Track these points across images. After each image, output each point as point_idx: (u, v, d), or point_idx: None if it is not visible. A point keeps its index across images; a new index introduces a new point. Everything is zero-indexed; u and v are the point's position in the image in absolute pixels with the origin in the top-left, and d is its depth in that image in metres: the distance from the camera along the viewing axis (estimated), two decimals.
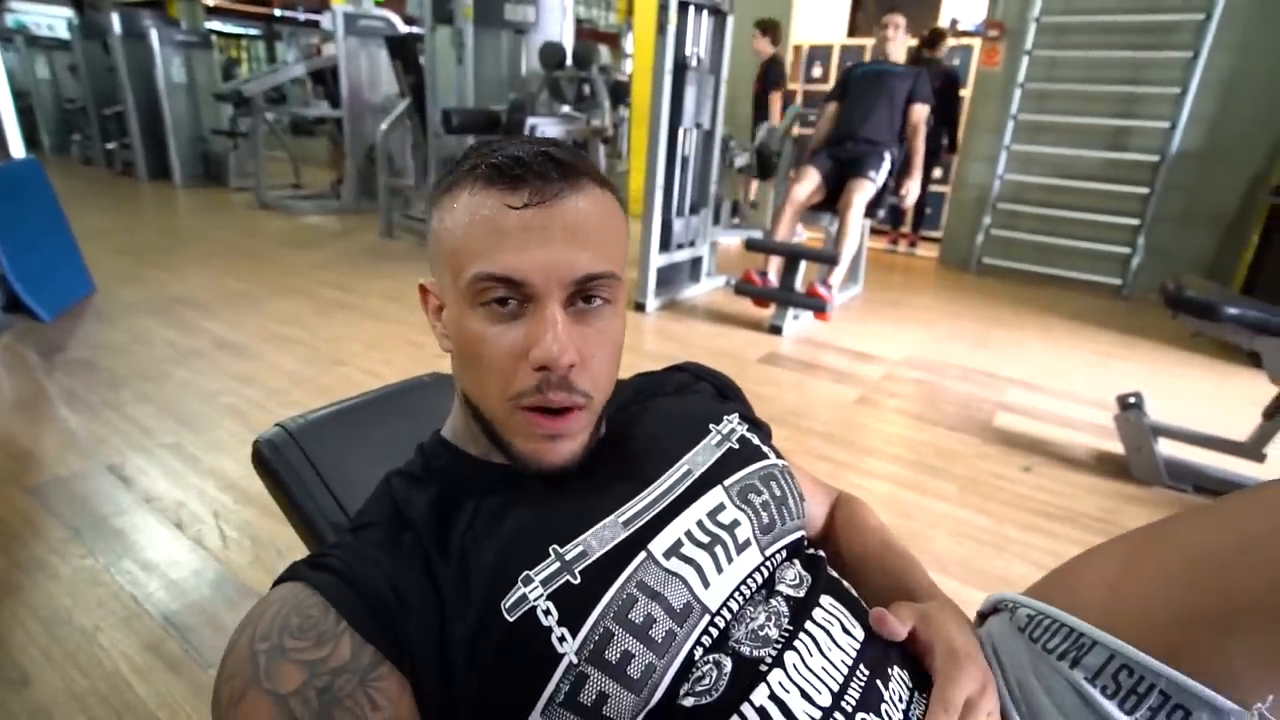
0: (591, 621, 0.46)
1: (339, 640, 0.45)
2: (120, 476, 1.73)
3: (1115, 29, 4.15)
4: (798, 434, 2.19)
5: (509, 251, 0.48)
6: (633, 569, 0.49)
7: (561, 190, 0.49)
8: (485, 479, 0.56)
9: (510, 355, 0.50)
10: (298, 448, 0.73)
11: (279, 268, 3.89)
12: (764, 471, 0.60)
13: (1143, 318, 3.87)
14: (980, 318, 3.73)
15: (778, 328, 3.22)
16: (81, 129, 8.03)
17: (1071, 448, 2.22)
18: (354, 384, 2.01)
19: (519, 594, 0.47)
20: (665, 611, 0.48)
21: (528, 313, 0.49)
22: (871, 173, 3.36)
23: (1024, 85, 4.42)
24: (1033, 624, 0.57)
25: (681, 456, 0.59)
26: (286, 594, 0.47)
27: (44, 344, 2.60)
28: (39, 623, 1.25)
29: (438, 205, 0.53)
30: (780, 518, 0.58)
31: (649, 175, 3.32)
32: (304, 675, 0.43)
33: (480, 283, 0.49)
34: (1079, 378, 2.87)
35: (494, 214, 0.48)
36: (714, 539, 0.53)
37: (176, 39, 6.49)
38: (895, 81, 3.46)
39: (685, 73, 3.29)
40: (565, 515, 0.52)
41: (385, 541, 0.52)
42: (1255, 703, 0.46)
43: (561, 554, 0.49)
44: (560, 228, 0.49)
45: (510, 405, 0.51)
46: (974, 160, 4.77)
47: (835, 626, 0.53)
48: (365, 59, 5.50)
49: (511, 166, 0.49)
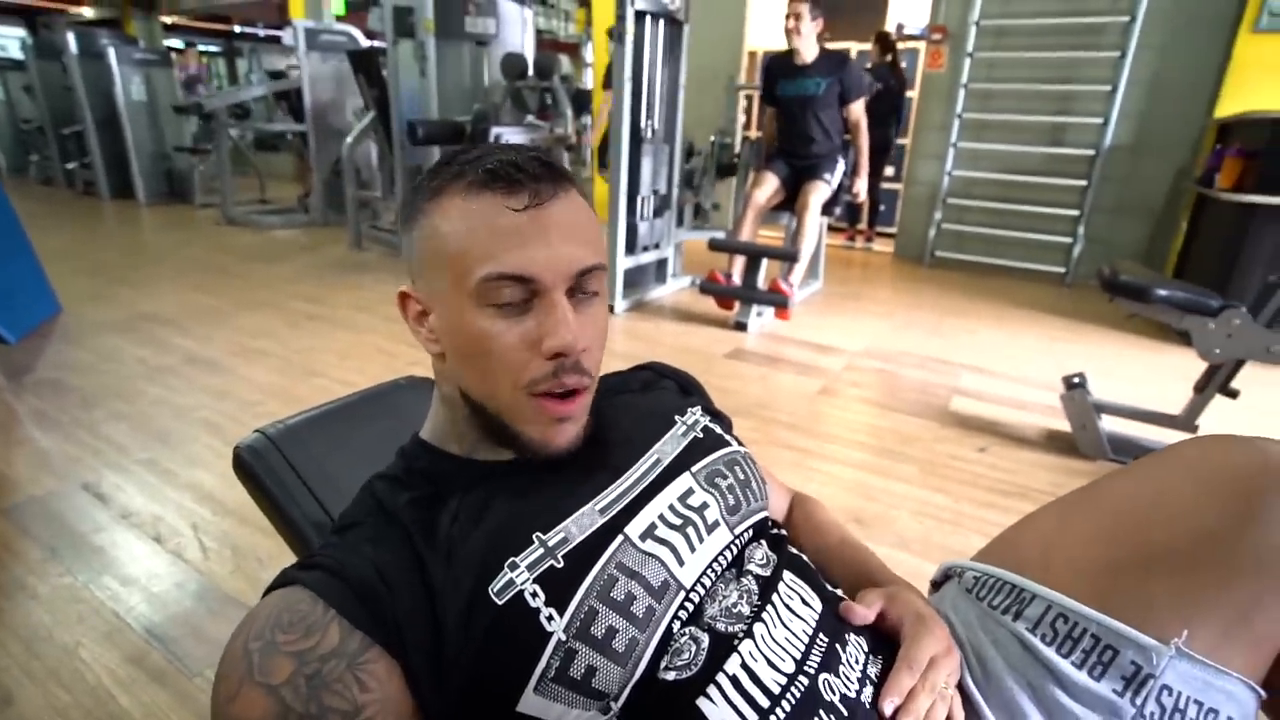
0: (577, 600, 0.49)
1: (327, 628, 0.47)
2: (96, 494, 1.75)
3: (1049, 31, 4.34)
4: (764, 425, 2.27)
5: (517, 251, 0.52)
6: (612, 551, 0.53)
7: (555, 192, 0.54)
8: (467, 475, 0.59)
9: (521, 347, 0.53)
10: (278, 452, 0.75)
11: (248, 282, 3.88)
12: (728, 457, 0.65)
13: (1084, 303, 4.04)
14: (935, 308, 3.86)
15: (742, 324, 3.30)
16: (39, 149, 7.85)
17: (1023, 428, 2.33)
18: (328, 394, 2.05)
19: (506, 579, 0.50)
20: (644, 589, 0.51)
21: (534, 306, 0.53)
22: (826, 175, 3.48)
23: (967, 86, 4.60)
24: (979, 584, 0.63)
25: (651, 447, 0.62)
26: (278, 597, 0.49)
27: (10, 366, 2.58)
28: (19, 642, 1.27)
29: (423, 213, 0.55)
30: (745, 499, 0.62)
31: (612, 183, 3.39)
32: (294, 665, 0.45)
33: (491, 282, 0.52)
34: (1028, 362, 3.00)
35: (497, 217, 0.52)
36: (686, 521, 0.57)
37: (135, 57, 6.41)
38: (819, 103, 3.42)
39: (641, 145, 3.38)
40: (546, 505, 0.55)
41: (371, 536, 0.54)
42: (1173, 637, 0.51)
43: (544, 540, 0.52)
44: (556, 226, 0.53)
45: (522, 394, 0.54)
46: (924, 158, 4.94)
47: (795, 600, 0.57)
48: (328, 74, 5.49)
49: (510, 171, 0.53)
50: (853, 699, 0.52)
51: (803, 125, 3.49)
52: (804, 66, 3.42)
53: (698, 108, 5.38)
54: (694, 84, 4.07)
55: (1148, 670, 0.52)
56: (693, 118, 4.23)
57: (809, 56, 3.41)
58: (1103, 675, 0.53)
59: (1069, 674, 0.54)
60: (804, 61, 3.42)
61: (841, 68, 3.42)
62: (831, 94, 3.41)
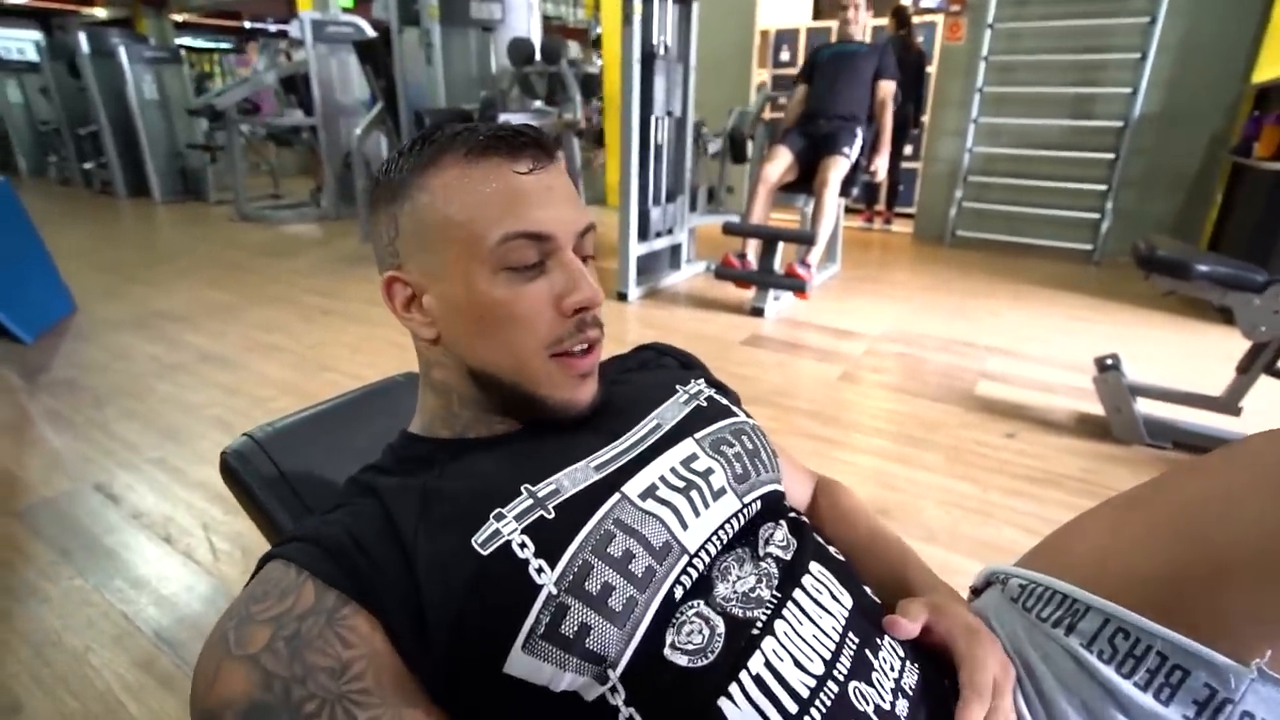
0: (570, 553, 0.46)
1: (300, 589, 0.45)
2: (108, 494, 1.74)
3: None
4: (783, 413, 2.21)
5: (531, 210, 0.52)
6: (609, 507, 0.50)
7: (549, 159, 0.55)
8: (454, 447, 0.58)
9: (543, 308, 0.54)
10: (266, 457, 0.72)
11: (261, 277, 3.87)
12: (734, 426, 0.62)
13: (1115, 280, 3.91)
14: (957, 289, 3.76)
15: (759, 310, 3.23)
16: (57, 150, 7.96)
17: (1052, 411, 2.25)
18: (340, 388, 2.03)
19: (491, 529, 0.47)
20: (644, 548, 0.48)
21: (548, 267, 0.54)
22: (845, 149, 3.38)
23: (988, 58, 4.45)
24: (1025, 594, 0.57)
25: (650, 412, 0.60)
26: (256, 579, 0.48)
27: (25, 366, 2.58)
28: (29, 647, 1.25)
29: (413, 187, 0.54)
30: (754, 468, 0.59)
31: (624, 166, 3.32)
32: (271, 629, 0.43)
33: (510, 242, 0.52)
34: (1056, 343, 2.90)
35: (507, 179, 0.53)
36: (689, 484, 0.54)
37: (146, 56, 6.43)
38: (861, 61, 3.47)
39: (654, 62, 3.29)
40: (535, 458, 0.54)
41: (350, 511, 0.53)
42: (1253, 658, 0.45)
43: (534, 491, 0.50)
44: (557, 189, 0.55)
45: (545, 355, 0.54)
46: (943, 135, 4.80)
47: (825, 594, 0.53)
48: (335, 65, 5.46)
49: (511, 137, 0.53)
50: (887, 710, 0.47)
51: (838, 81, 3.49)
52: (852, 38, 3.59)
53: (710, 89, 5.29)
54: (706, 65, 3.97)
55: (1225, 694, 0.46)
56: (705, 100, 4.14)
57: (858, 34, 3.58)
58: (1171, 699, 0.47)
59: (1131, 696, 0.48)
60: (851, 38, 3.59)
61: (881, 47, 3.57)
62: (869, 63, 3.47)
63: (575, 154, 4.26)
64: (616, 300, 3.45)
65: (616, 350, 0.60)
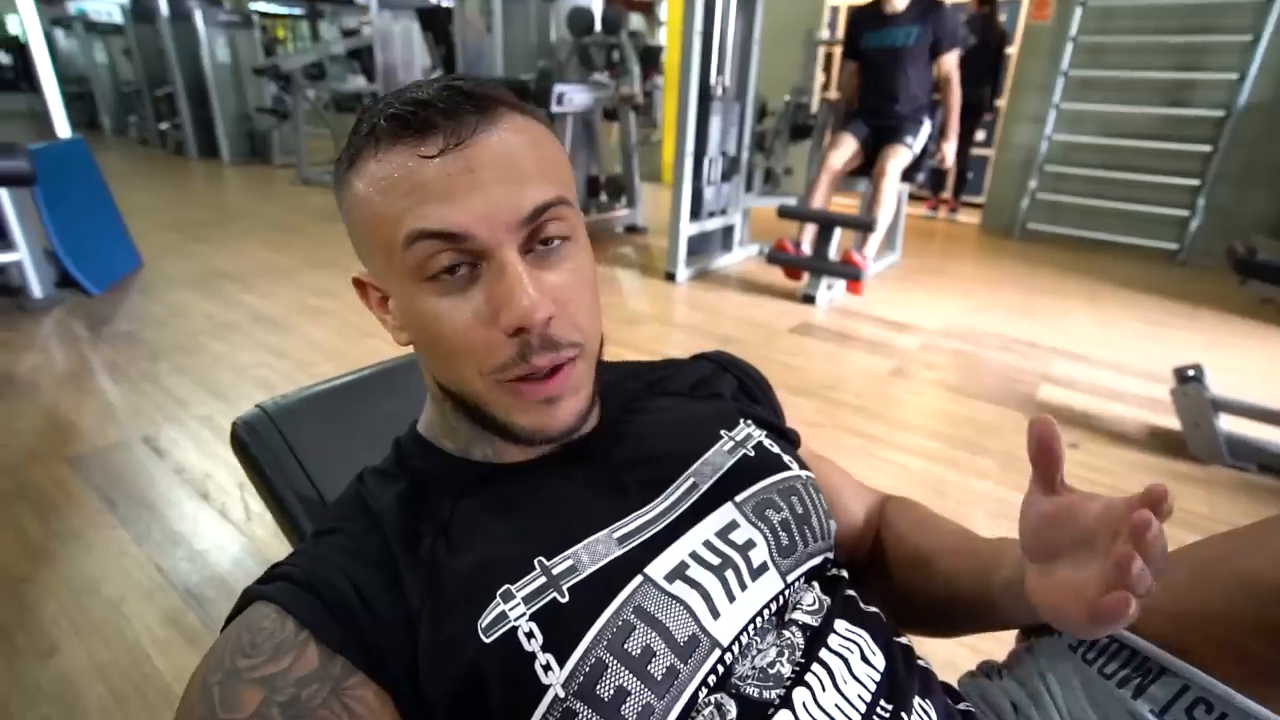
0: (582, 649, 0.40)
1: (301, 650, 0.39)
2: (154, 448, 1.78)
3: None
4: (829, 406, 2.12)
5: (437, 203, 0.41)
6: (630, 591, 0.43)
7: (479, 124, 0.43)
8: (462, 478, 0.51)
9: (476, 326, 0.43)
10: (276, 430, 0.69)
11: (316, 241, 3.94)
12: (784, 484, 0.53)
13: (1201, 284, 3.65)
14: (1024, 286, 3.56)
15: (811, 297, 3.12)
16: (137, 110, 8.27)
17: (1121, 422, 2.10)
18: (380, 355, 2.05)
19: (497, 611, 0.41)
20: (667, 644, 0.42)
21: (483, 273, 0.43)
22: (909, 139, 3.20)
23: (1076, 39, 4.17)
24: (1086, 643, 0.50)
25: (688, 467, 0.52)
26: (240, 619, 0.42)
27: (91, 318, 2.68)
28: (70, 593, 1.29)
29: (345, 183, 0.46)
30: (802, 538, 0.51)
31: (678, 142, 3.24)
32: (263, 693, 0.37)
33: (414, 245, 0.42)
34: (1130, 348, 2.71)
35: (409, 170, 0.42)
36: (725, 561, 0.46)
37: (220, 19, 6.60)
38: (911, 54, 3.14)
39: (710, 102, 3.19)
40: (552, 524, 0.47)
41: (349, 546, 0.46)
42: None
43: (548, 568, 0.43)
44: (488, 166, 0.42)
45: (492, 381, 0.45)
46: (1020, 121, 4.53)
47: (854, 655, 0.47)
48: (399, 32, 5.48)
49: (414, 112, 0.42)
50: None
51: (887, 80, 3.20)
52: (894, 15, 3.12)
53: (773, 65, 5.10)
54: (769, 39, 3.82)
55: None
56: (767, 76, 3.99)
57: (900, 4, 3.11)
58: None
59: None
60: (894, 9, 3.12)
61: (934, 13, 3.09)
62: (922, 44, 3.11)
63: (632, 128, 4.17)
64: (665, 280, 3.39)
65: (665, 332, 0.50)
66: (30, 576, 1.32)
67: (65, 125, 3.31)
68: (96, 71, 8.75)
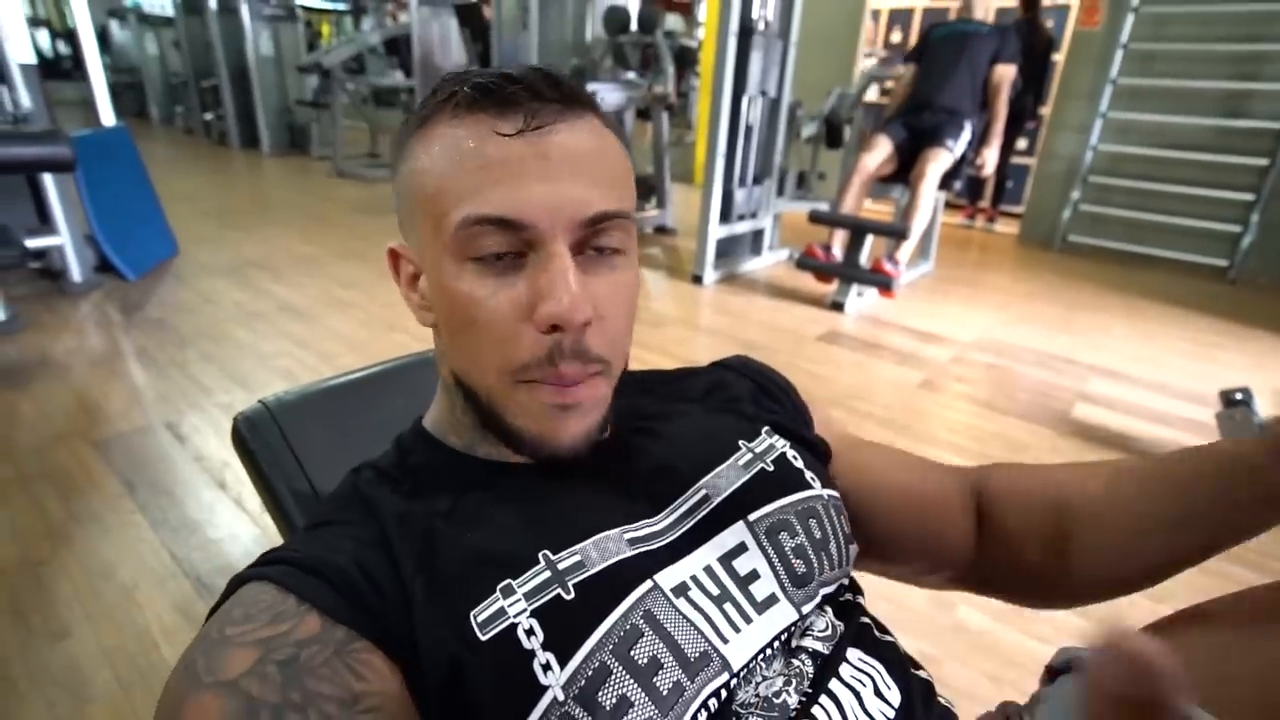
0: (587, 651, 0.38)
1: (301, 618, 0.37)
2: (176, 434, 1.80)
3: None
4: (854, 418, 2.07)
5: (504, 187, 0.39)
6: (641, 594, 0.40)
7: (563, 114, 0.41)
8: (467, 474, 0.48)
9: (510, 317, 0.41)
10: (276, 427, 0.68)
11: (348, 232, 3.99)
12: (802, 505, 0.49)
13: (1253, 304, 3.50)
14: (1062, 300, 3.45)
15: (840, 304, 3.06)
16: (184, 101, 8.47)
17: (1160, 445, 2.01)
18: (404, 349, 2.06)
19: (496, 606, 0.39)
20: (675, 657, 0.39)
21: (529, 264, 0.41)
22: (949, 141, 3.12)
23: (1127, 46, 4.03)
24: None
25: (700, 479, 0.49)
26: (230, 599, 0.40)
27: (126, 303, 2.74)
28: (86, 576, 1.31)
29: (406, 148, 0.44)
30: (819, 564, 0.48)
31: (710, 143, 3.20)
32: (258, 653, 0.35)
33: (471, 228, 0.40)
34: (1173, 368, 2.61)
35: (482, 144, 0.40)
36: (723, 594, 0.43)
37: (265, 13, 6.72)
38: (978, 43, 3.17)
39: (751, 37, 3.12)
40: (560, 519, 0.44)
41: (348, 532, 0.44)
42: None
43: (553, 562, 0.41)
44: (564, 158, 0.40)
45: (511, 381, 0.43)
46: (1064, 130, 4.40)
47: (867, 688, 0.44)
48: (437, 28, 5.53)
49: (501, 85, 0.40)
50: None
51: (950, 67, 3.20)
52: (970, 18, 3.27)
53: (810, 69, 5.04)
54: (808, 42, 3.76)
55: None
56: (804, 80, 3.93)
57: (979, 11, 3.28)
58: None
59: None
60: (971, 14, 3.28)
61: (1003, 27, 3.30)
62: (989, 43, 3.18)
63: (664, 128, 4.14)
64: (691, 283, 3.35)
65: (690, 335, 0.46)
66: (48, 558, 1.34)
67: (110, 113, 3.38)
68: (147, 62, 8.97)
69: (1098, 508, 0.51)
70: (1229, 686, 0.42)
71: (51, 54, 10.74)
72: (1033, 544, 0.55)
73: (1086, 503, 0.52)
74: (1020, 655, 1.21)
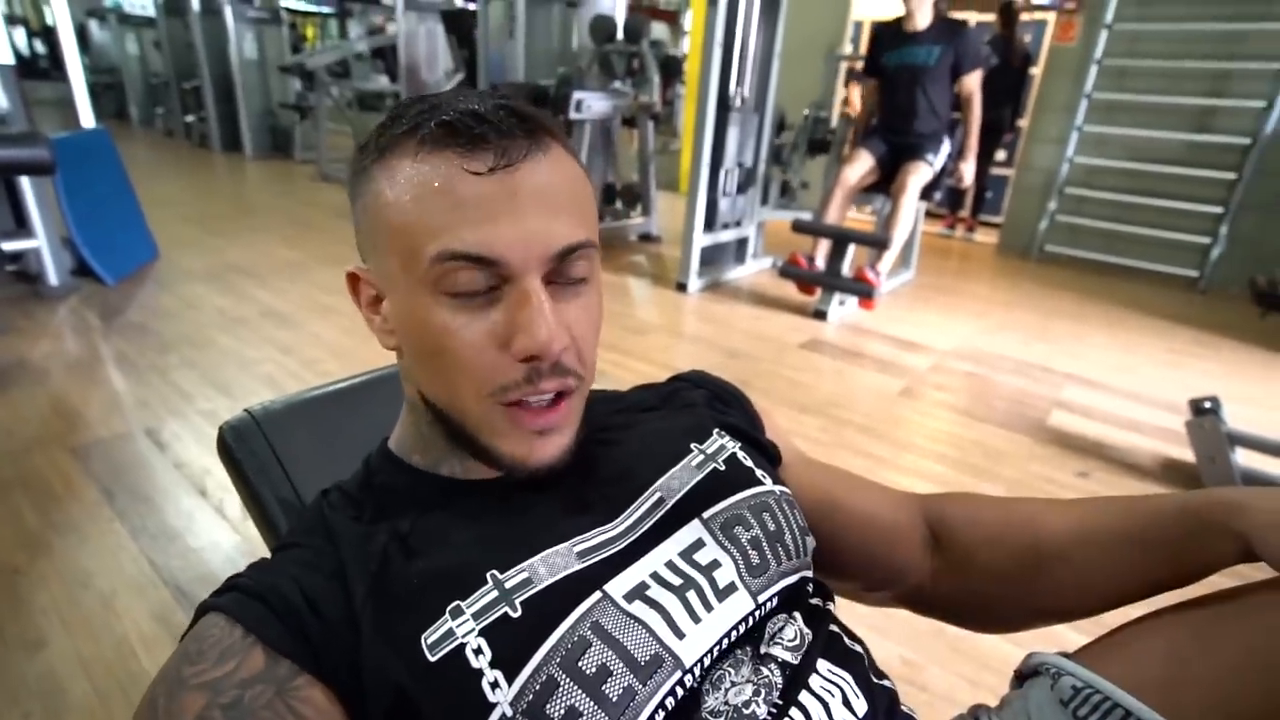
0: (533, 666, 0.39)
1: (246, 654, 0.39)
2: (156, 441, 1.79)
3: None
4: (835, 425, 2.09)
5: (477, 225, 0.41)
6: (588, 607, 0.42)
7: (529, 151, 0.42)
8: (427, 492, 0.50)
9: (487, 347, 0.43)
10: (262, 437, 0.69)
11: (331, 237, 3.97)
12: (755, 500, 0.51)
13: (1221, 314, 3.59)
14: (1039, 309, 3.52)
15: (822, 313, 3.10)
16: (165, 102, 8.37)
17: (1134, 452, 2.06)
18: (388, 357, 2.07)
19: (445, 628, 0.40)
20: (625, 663, 0.40)
21: (503, 295, 0.43)
22: (929, 156, 3.17)
23: (1101, 61, 4.13)
24: (1079, 699, 0.47)
25: (653, 482, 0.51)
26: (191, 631, 0.42)
27: (105, 307, 2.71)
28: (63, 585, 1.29)
29: (368, 175, 0.45)
30: (774, 556, 0.49)
31: (694, 152, 3.23)
32: (205, 697, 0.37)
33: (445, 263, 0.41)
34: (1146, 376, 2.67)
35: (453, 182, 0.41)
36: (687, 582, 0.45)
37: (249, 15, 6.67)
38: (926, 75, 3.08)
39: (735, 48, 3.16)
40: (510, 537, 0.46)
41: (305, 558, 0.46)
42: None
43: (500, 581, 0.42)
44: (530, 195, 0.42)
45: (490, 403, 0.44)
46: (1041, 142, 4.50)
47: (835, 699, 0.45)
48: (423, 34, 5.53)
49: (470, 125, 0.41)
50: None
51: (907, 99, 3.16)
52: (915, 34, 3.08)
53: (793, 79, 5.09)
54: (791, 52, 3.81)
55: None
56: (787, 89, 3.98)
57: (922, 23, 3.07)
58: None
59: None
60: (915, 28, 3.08)
61: (957, 35, 3.06)
62: (944, 65, 3.07)
63: (650, 136, 4.17)
64: (675, 291, 3.37)
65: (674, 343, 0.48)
66: (24, 567, 1.33)
67: (90, 115, 3.34)
68: (127, 63, 8.87)
69: (1067, 549, 0.54)
70: (1183, 690, 0.44)
71: (28, 53, 10.60)
72: (999, 576, 0.57)
73: (1056, 542, 0.54)
74: (995, 659, 1.24)
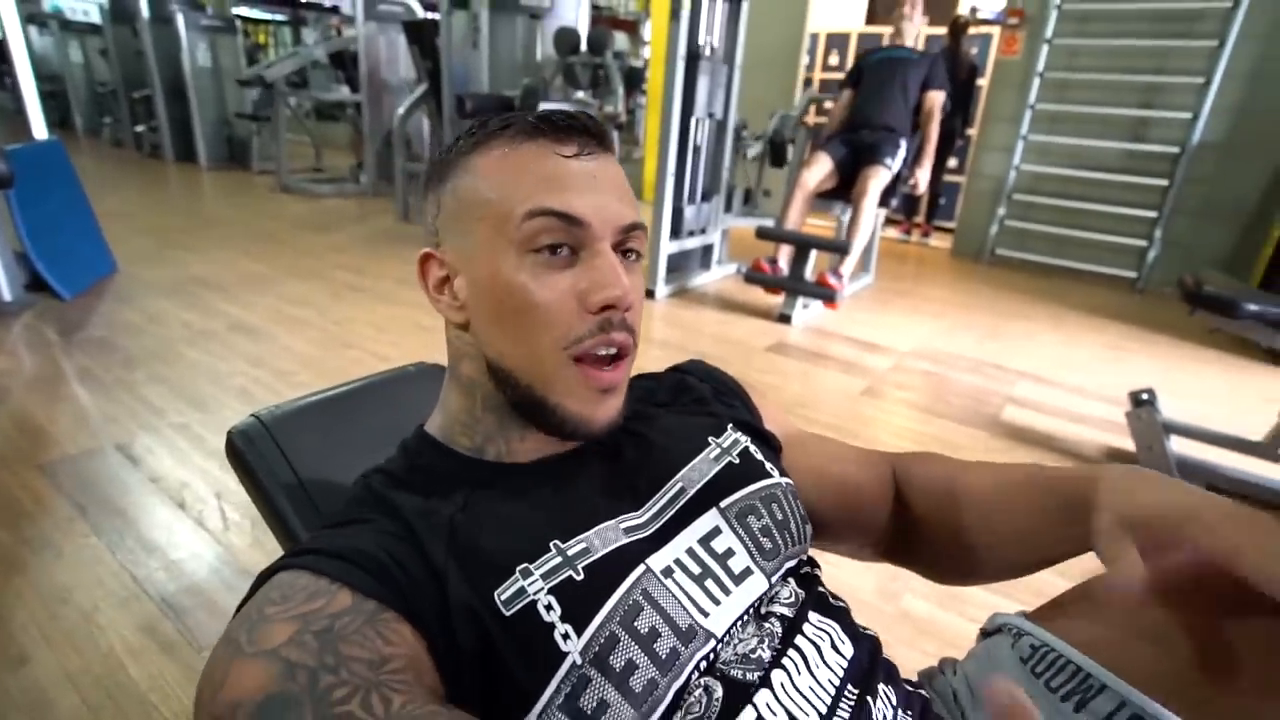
0: (599, 621, 0.44)
1: (334, 594, 0.42)
2: (128, 456, 1.77)
3: (1140, 16, 4.04)
4: (802, 425, 2.15)
5: (565, 192, 0.49)
6: (638, 575, 0.47)
7: (601, 147, 0.53)
8: (476, 475, 0.54)
9: (567, 299, 0.49)
10: (271, 440, 0.71)
11: (296, 250, 3.93)
12: (765, 492, 0.57)
13: (1158, 312, 3.79)
14: (992, 309, 3.68)
15: (787, 317, 3.19)
16: (112, 112, 8.11)
17: (1081, 444, 2.18)
18: (363, 367, 2.05)
19: (516, 586, 0.45)
20: (670, 628, 0.46)
21: (580, 260, 0.50)
22: (888, 160, 3.31)
23: (1043, 74, 4.33)
24: (1036, 657, 0.52)
25: (677, 472, 0.56)
26: (266, 585, 0.44)
27: (63, 323, 2.65)
28: (40, 601, 1.28)
29: (459, 166, 0.53)
30: (783, 542, 0.55)
31: (661, 163, 3.30)
32: (296, 625, 0.39)
33: (536, 219, 0.48)
34: (1091, 372, 2.82)
35: (545, 161, 0.50)
36: (705, 571, 0.51)
37: (202, 24, 6.54)
38: (910, 68, 3.40)
39: (698, 61, 3.25)
40: (564, 512, 0.51)
41: (368, 528, 0.48)
42: None
43: (563, 549, 0.47)
44: (605, 179, 0.51)
45: (564, 357, 0.50)
46: (990, 151, 4.69)
47: (825, 642, 0.52)
48: (384, 44, 5.50)
49: (560, 119, 0.51)
50: None
51: (885, 90, 3.42)
52: (901, 44, 3.51)
53: (755, 90, 5.22)
54: (752, 65, 3.92)
55: None
56: (749, 100, 4.09)
57: (908, 38, 3.50)
58: None
59: None
60: (902, 41, 3.50)
61: (932, 56, 3.51)
62: (920, 68, 3.40)
63: (614, 147, 4.25)
64: (644, 297, 3.43)
65: (642, 349, 0.55)
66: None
67: (42, 126, 3.26)
68: (71, 71, 8.59)
69: (984, 505, 0.62)
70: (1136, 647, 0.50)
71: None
72: (932, 526, 0.65)
73: (974, 499, 0.62)
74: (960, 638, 1.32)
